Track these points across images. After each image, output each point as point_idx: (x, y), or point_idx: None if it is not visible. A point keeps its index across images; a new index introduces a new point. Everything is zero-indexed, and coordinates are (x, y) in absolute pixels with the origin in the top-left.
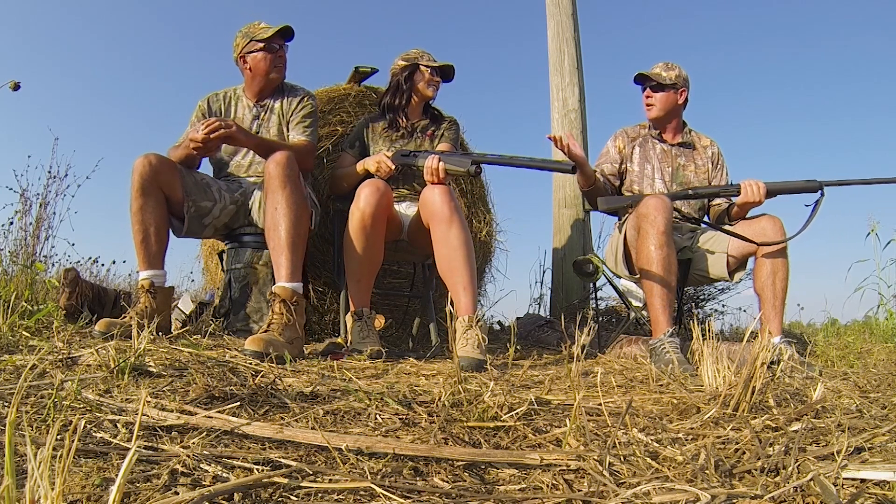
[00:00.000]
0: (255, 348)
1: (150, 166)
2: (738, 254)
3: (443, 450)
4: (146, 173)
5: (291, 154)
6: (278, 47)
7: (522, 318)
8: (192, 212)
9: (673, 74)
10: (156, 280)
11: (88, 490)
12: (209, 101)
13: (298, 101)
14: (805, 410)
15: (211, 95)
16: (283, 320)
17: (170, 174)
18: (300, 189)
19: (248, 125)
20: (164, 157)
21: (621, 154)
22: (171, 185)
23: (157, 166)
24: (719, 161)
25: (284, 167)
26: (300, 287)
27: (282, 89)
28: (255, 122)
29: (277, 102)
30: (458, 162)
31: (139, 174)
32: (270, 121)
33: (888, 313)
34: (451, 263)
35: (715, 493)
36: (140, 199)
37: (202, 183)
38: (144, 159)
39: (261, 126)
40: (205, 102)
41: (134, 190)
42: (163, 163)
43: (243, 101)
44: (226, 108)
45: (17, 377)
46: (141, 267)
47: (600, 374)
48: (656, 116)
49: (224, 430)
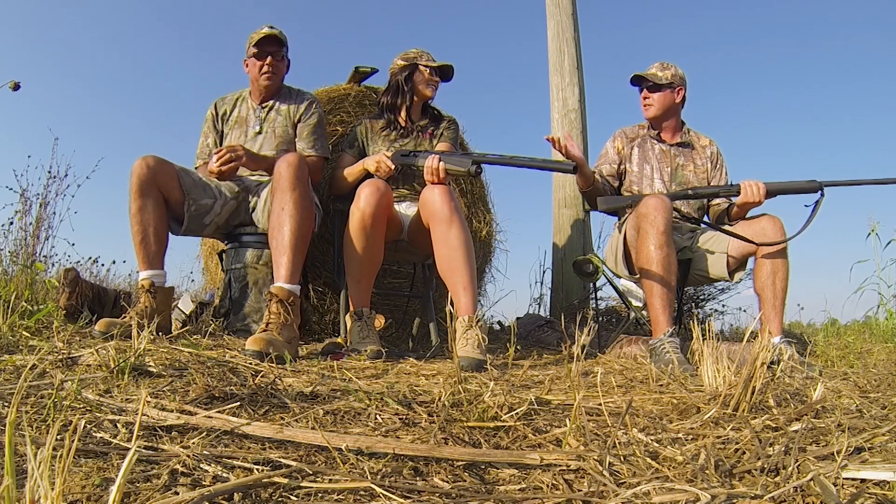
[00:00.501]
0: (256, 348)
1: (147, 168)
2: (738, 254)
3: (443, 450)
4: (144, 175)
5: (302, 157)
6: (266, 54)
7: (522, 318)
8: (192, 210)
9: (669, 74)
10: (156, 280)
11: (88, 490)
12: (216, 106)
13: (306, 108)
14: (805, 410)
15: (218, 100)
16: (280, 320)
17: (167, 175)
18: (308, 193)
19: (252, 125)
20: (161, 159)
21: (620, 155)
22: (168, 186)
23: (154, 168)
24: (718, 161)
25: (296, 168)
26: (297, 290)
27: (288, 93)
28: (258, 122)
29: (284, 105)
30: (458, 162)
31: (137, 176)
32: (276, 121)
33: (888, 313)
34: (451, 263)
35: (715, 493)
36: (139, 201)
37: (201, 182)
38: (142, 161)
39: (265, 127)
40: (213, 108)
41: (132, 192)
42: (160, 164)
43: (248, 103)
44: (231, 110)
45: (17, 377)
46: (141, 267)
47: (600, 374)
48: (654, 116)
49: (224, 430)
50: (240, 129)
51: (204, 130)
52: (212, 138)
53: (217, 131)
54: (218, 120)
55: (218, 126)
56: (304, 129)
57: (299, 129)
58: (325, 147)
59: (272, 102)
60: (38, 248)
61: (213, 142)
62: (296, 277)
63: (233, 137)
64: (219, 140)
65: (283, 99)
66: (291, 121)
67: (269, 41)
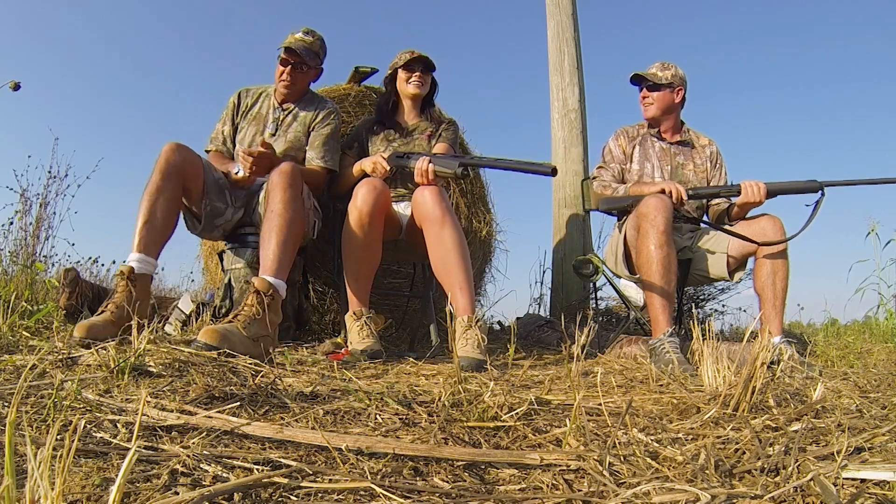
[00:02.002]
0: (207, 340)
1: (178, 154)
2: (738, 254)
3: (443, 450)
4: (173, 159)
5: (296, 166)
6: (289, 63)
7: (522, 318)
8: (207, 210)
9: (669, 74)
10: (139, 267)
11: (88, 490)
12: (240, 95)
13: (323, 118)
14: (805, 410)
15: (242, 90)
16: (251, 312)
17: (195, 166)
18: (298, 197)
19: (269, 126)
20: (191, 151)
21: (625, 153)
22: (194, 178)
23: (185, 156)
24: (718, 160)
25: (287, 176)
26: (283, 286)
27: (311, 99)
28: (275, 125)
29: (304, 112)
30: (446, 164)
31: (165, 158)
32: (291, 126)
33: (888, 313)
34: (446, 265)
35: (715, 493)
36: (160, 182)
37: (220, 184)
38: (175, 146)
39: (279, 128)
40: (236, 97)
41: (156, 171)
42: (191, 154)
43: (270, 100)
44: (253, 104)
45: (17, 377)
46: (134, 248)
47: (600, 374)
48: (653, 115)
49: (224, 430)
50: (256, 126)
51: (223, 117)
52: (228, 127)
53: (233, 123)
54: (237, 112)
55: (235, 118)
56: (317, 138)
57: (312, 137)
58: (334, 160)
59: (292, 107)
60: (38, 248)
61: (229, 131)
62: (281, 273)
63: (247, 133)
64: (233, 132)
65: (304, 105)
66: (306, 127)
67: (292, 52)
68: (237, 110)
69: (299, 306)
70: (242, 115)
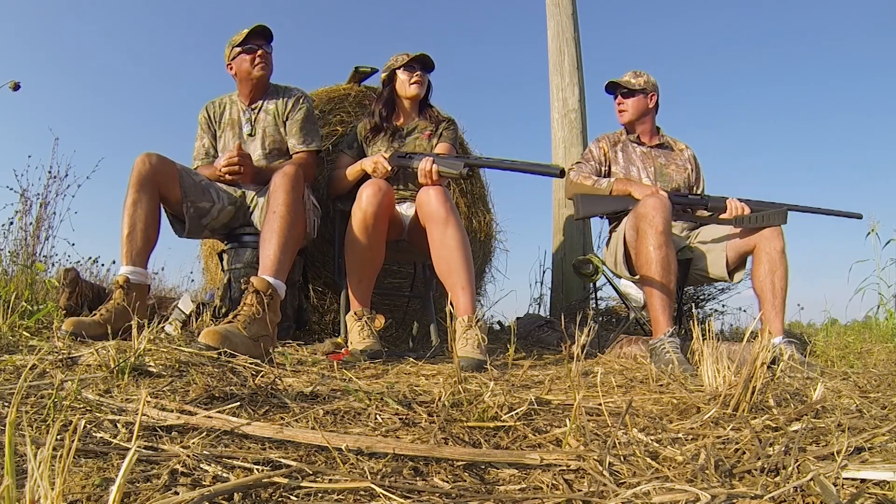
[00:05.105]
0: (209, 341)
1: (149, 165)
2: (737, 252)
3: (443, 450)
4: (144, 171)
5: (299, 169)
6: (256, 47)
7: (522, 318)
8: (191, 212)
9: (642, 80)
10: (133, 277)
11: (88, 490)
12: (207, 109)
13: (294, 104)
14: (805, 410)
15: (208, 104)
16: (251, 312)
17: (168, 174)
18: (300, 200)
19: (244, 127)
20: (164, 158)
21: (606, 157)
22: (168, 186)
23: (156, 165)
24: (696, 166)
25: (291, 178)
26: (282, 287)
27: (275, 91)
28: (249, 124)
29: (272, 104)
30: (451, 164)
31: (137, 171)
32: (265, 121)
33: (888, 313)
34: (449, 264)
35: (715, 493)
36: (134, 195)
37: (201, 185)
38: (145, 157)
39: (254, 127)
40: (204, 111)
41: (130, 185)
42: (162, 162)
43: (237, 105)
44: (221, 113)
45: (17, 377)
46: (123, 261)
47: (600, 374)
48: (629, 121)
49: (224, 430)
50: (231, 130)
51: (198, 133)
52: (207, 139)
53: (211, 132)
54: (211, 121)
55: (212, 127)
56: (293, 125)
57: (288, 126)
58: (315, 140)
59: (260, 103)
60: (38, 248)
61: (209, 142)
62: (281, 273)
63: (227, 139)
64: (214, 141)
65: (271, 97)
66: (280, 119)
67: (257, 35)
68: (210, 121)
69: (299, 306)
70: (217, 123)
